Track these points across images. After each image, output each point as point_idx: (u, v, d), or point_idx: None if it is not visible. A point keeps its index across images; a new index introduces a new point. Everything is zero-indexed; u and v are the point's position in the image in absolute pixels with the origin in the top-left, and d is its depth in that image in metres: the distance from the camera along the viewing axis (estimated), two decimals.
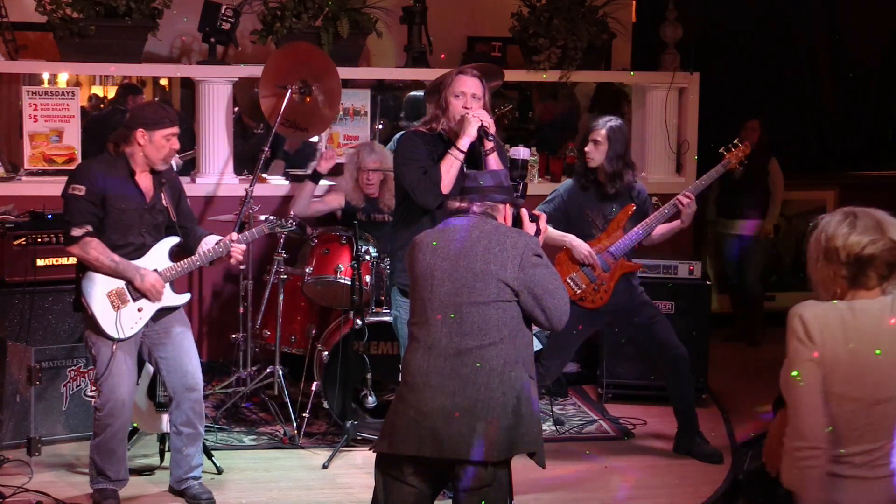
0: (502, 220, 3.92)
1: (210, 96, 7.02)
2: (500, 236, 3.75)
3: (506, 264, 3.69)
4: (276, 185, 7.20)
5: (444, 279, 3.72)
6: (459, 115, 4.74)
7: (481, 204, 3.88)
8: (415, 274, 3.81)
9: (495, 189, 3.91)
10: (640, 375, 6.64)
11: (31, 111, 6.78)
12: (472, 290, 3.68)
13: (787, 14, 8.89)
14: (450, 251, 3.74)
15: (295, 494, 5.31)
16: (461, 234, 3.77)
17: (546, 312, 3.74)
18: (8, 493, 5.13)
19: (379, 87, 8.14)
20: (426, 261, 3.77)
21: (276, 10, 6.99)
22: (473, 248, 3.72)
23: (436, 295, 3.72)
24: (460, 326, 3.67)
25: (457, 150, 4.71)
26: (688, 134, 7.80)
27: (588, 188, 5.71)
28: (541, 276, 3.72)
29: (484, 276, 3.68)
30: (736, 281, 8.26)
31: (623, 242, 5.66)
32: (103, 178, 4.89)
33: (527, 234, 3.88)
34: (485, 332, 3.66)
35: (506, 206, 3.94)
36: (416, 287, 3.80)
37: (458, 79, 4.82)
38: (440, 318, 3.70)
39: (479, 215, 3.86)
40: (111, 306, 4.90)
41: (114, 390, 4.90)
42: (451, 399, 3.61)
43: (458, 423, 3.59)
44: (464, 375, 3.63)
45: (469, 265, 3.70)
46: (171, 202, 5.08)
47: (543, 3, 7.47)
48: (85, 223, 4.83)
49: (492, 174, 4.03)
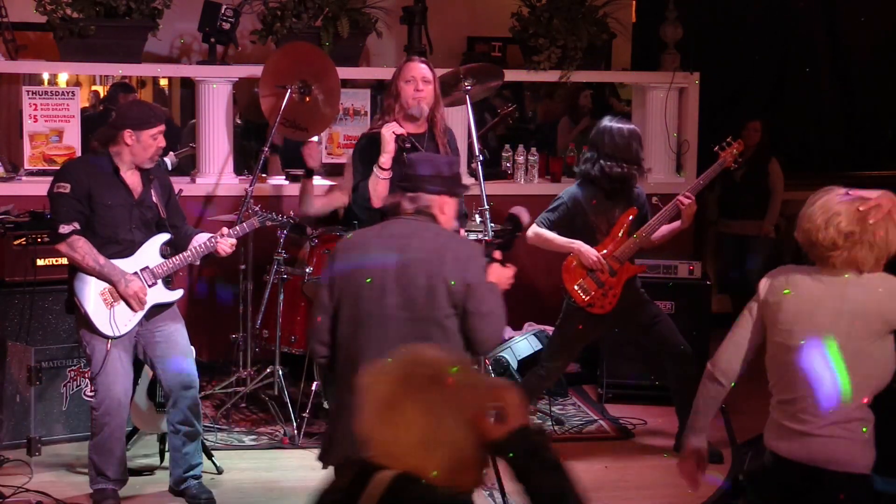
0: (441, 212, 3.75)
1: (210, 96, 7.03)
2: (440, 246, 3.61)
3: (447, 277, 3.56)
4: (277, 185, 7.20)
5: (387, 293, 3.59)
6: (411, 100, 4.90)
7: (414, 197, 3.71)
8: (354, 280, 3.65)
9: (431, 179, 3.74)
10: (640, 375, 6.64)
11: (31, 111, 6.78)
12: (414, 303, 3.57)
13: (787, 14, 8.89)
14: (390, 262, 3.61)
15: (295, 494, 5.31)
16: (401, 241, 3.63)
17: (473, 332, 3.61)
18: (8, 493, 5.13)
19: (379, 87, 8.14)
20: (368, 270, 3.62)
21: (276, 10, 6.99)
22: (415, 259, 3.59)
23: (380, 307, 3.60)
24: (404, 342, 3.46)
25: (380, 169, 4.82)
26: (688, 134, 7.81)
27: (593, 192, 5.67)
28: (479, 292, 3.59)
29: (428, 291, 3.56)
30: (736, 281, 8.26)
31: (628, 246, 5.65)
32: (88, 175, 4.89)
33: (471, 244, 3.73)
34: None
35: (442, 198, 3.75)
36: (353, 296, 3.64)
37: (408, 65, 5.01)
38: (384, 331, 3.58)
39: (415, 217, 3.70)
40: (104, 304, 4.89)
41: (110, 388, 4.90)
42: None
43: None
44: None
45: (412, 279, 3.57)
46: (161, 199, 5.08)
47: (543, 3, 7.47)
48: (71, 220, 4.83)
49: (431, 162, 3.83)
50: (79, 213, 4.84)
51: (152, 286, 4.98)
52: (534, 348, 6.76)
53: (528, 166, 7.53)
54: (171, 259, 5.05)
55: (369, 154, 4.92)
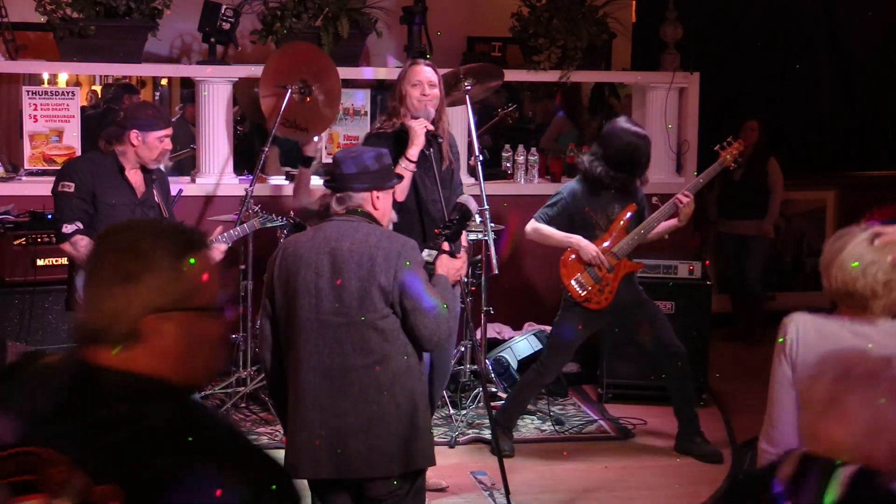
0: (372, 207, 3.70)
1: (210, 96, 7.02)
2: (371, 247, 3.58)
3: (380, 276, 3.54)
4: (276, 185, 7.20)
5: (321, 297, 3.58)
6: (416, 102, 4.85)
7: (341, 197, 3.68)
8: (290, 285, 3.63)
9: (355, 177, 3.69)
10: (640, 375, 6.63)
11: (31, 111, 6.78)
12: (349, 308, 3.55)
13: (786, 14, 8.89)
14: (323, 265, 3.59)
15: None
16: (332, 244, 3.60)
17: (414, 330, 3.57)
18: None
19: (379, 87, 8.14)
20: (302, 275, 3.60)
21: (276, 10, 6.99)
22: (347, 261, 3.57)
23: (315, 313, 3.58)
24: (342, 346, 3.56)
25: (407, 161, 4.80)
26: (688, 134, 7.81)
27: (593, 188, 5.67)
28: (414, 290, 3.55)
29: (361, 294, 3.54)
30: (736, 281, 8.26)
31: (626, 242, 5.66)
32: (92, 173, 4.90)
33: (403, 240, 3.67)
34: (368, 350, 3.56)
35: (371, 194, 3.70)
36: (292, 301, 3.62)
37: (414, 69, 4.96)
38: (322, 337, 3.58)
39: (347, 217, 3.66)
40: None
41: None
42: (343, 419, 3.55)
43: (353, 442, 3.54)
44: (353, 395, 3.56)
45: (344, 282, 3.55)
46: (162, 199, 5.09)
47: (543, 3, 7.47)
48: (75, 220, 4.84)
49: (355, 157, 3.74)
50: (82, 211, 4.85)
51: None
52: (534, 348, 6.76)
53: (528, 166, 7.53)
54: None
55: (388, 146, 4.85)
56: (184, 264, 1.84)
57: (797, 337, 3.15)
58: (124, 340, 1.81)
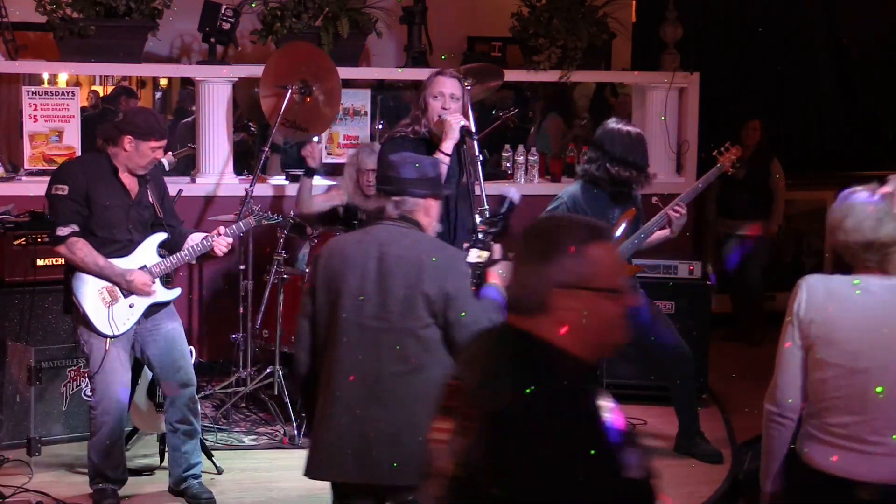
0: (425, 216, 3.68)
1: (210, 96, 7.02)
2: (420, 254, 3.55)
3: (425, 286, 3.51)
4: (276, 185, 7.20)
5: (365, 300, 3.55)
6: (437, 116, 4.78)
7: (399, 202, 3.65)
8: (333, 287, 3.61)
9: (415, 182, 3.66)
10: (640, 375, 6.63)
11: (31, 111, 6.78)
12: (392, 314, 3.52)
13: (787, 14, 8.89)
14: (371, 269, 3.56)
15: (295, 494, 5.31)
16: (381, 249, 3.58)
17: (457, 343, 3.52)
18: (8, 493, 5.13)
19: (379, 87, 8.14)
20: (347, 277, 3.58)
21: (276, 10, 6.99)
22: (394, 267, 3.54)
23: (358, 316, 3.56)
24: (380, 351, 3.53)
25: (442, 154, 4.74)
26: (688, 134, 7.81)
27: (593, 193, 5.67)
28: (460, 302, 3.51)
29: (405, 300, 3.51)
30: (736, 281, 8.26)
31: (626, 247, 5.65)
32: (86, 175, 4.89)
33: (453, 251, 3.66)
34: (406, 358, 3.52)
35: (427, 201, 3.68)
36: (335, 302, 3.60)
37: (437, 80, 4.87)
38: (361, 341, 3.55)
39: (397, 222, 3.64)
40: (103, 303, 4.89)
41: (108, 388, 4.90)
42: (374, 425, 3.52)
43: (381, 449, 3.52)
44: (386, 401, 3.53)
45: (390, 287, 3.53)
46: (157, 199, 5.08)
47: (543, 3, 7.48)
48: (70, 222, 4.83)
49: (415, 164, 3.73)
50: (77, 214, 4.84)
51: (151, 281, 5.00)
52: None
53: (528, 166, 7.53)
54: (169, 258, 5.05)
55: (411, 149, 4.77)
56: (589, 249, 2.12)
57: (806, 297, 3.19)
58: (535, 310, 2.13)
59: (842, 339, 3.14)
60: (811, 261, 8.77)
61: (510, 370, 2.09)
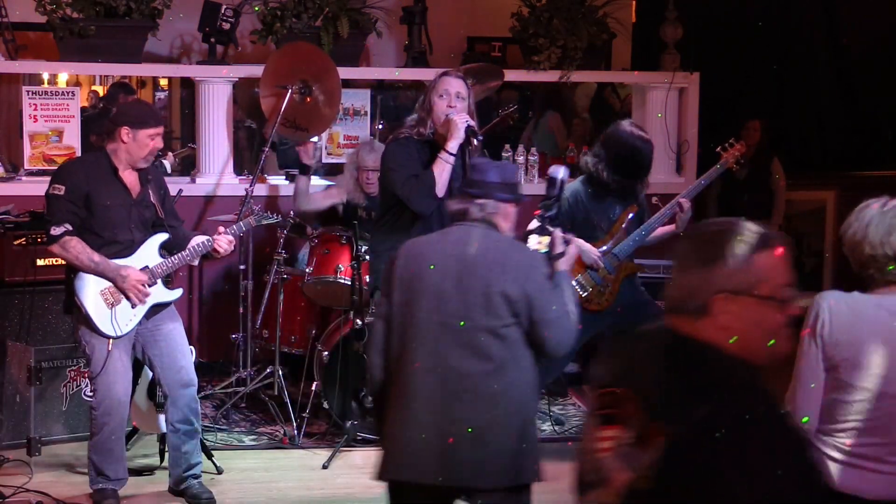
0: (504, 220, 3.71)
1: (210, 96, 7.03)
2: (501, 255, 3.56)
3: (506, 286, 3.50)
4: (276, 185, 7.20)
5: (445, 300, 3.54)
6: (443, 116, 4.76)
7: (483, 204, 3.66)
8: (410, 286, 3.60)
9: (500, 187, 3.69)
10: None
11: (31, 111, 6.78)
12: (473, 313, 3.51)
13: (787, 14, 8.89)
14: (450, 269, 3.56)
15: (295, 494, 5.31)
16: (460, 248, 3.58)
17: (541, 340, 3.54)
18: (8, 493, 5.12)
19: (379, 87, 8.14)
20: (426, 277, 3.57)
21: (276, 10, 6.99)
22: (474, 267, 3.54)
23: (437, 315, 3.54)
24: (461, 350, 3.51)
25: (447, 154, 4.73)
26: (688, 134, 7.81)
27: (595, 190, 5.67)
28: (543, 301, 3.52)
29: (485, 300, 3.50)
30: None
31: (627, 244, 5.65)
32: (86, 176, 4.88)
33: (532, 252, 3.68)
34: (487, 357, 3.50)
35: (509, 206, 3.73)
36: (413, 302, 3.59)
37: (442, 79, 4.85)
38: (441, 340, 3.53)
39: (479, 223, 3.65)
40: (105, 304, 4.89)
41: (110, 388, 4.90)
42: (455, 425, 3.48)
43: (463, 449, 3.47)
44: (467, 401, 3.49)
45: (471, 286, 3.52)
46: (158, 199, 5.08)
47: (543, 3, 7.47)
48: (64, 222, 4.82)
49: (499, 168, 3.77)
50: (72, 214, 4.83)
51: (152, 286, 4.98)
52: None
53: (528, 166, 7.53)
54: (170, 258, 5.05)
55: (415, 151, 4.82)
56: (756, 256, 2.16)
57: (829, 318, 3.11)
58: (696, 313, 2.17)
59: (870, 363, 3.08)
60: (811, 261, 8.77)
61: (692, 380, 2.12)
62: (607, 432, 2.17)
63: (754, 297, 2.15)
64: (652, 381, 2.16)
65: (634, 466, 2.09)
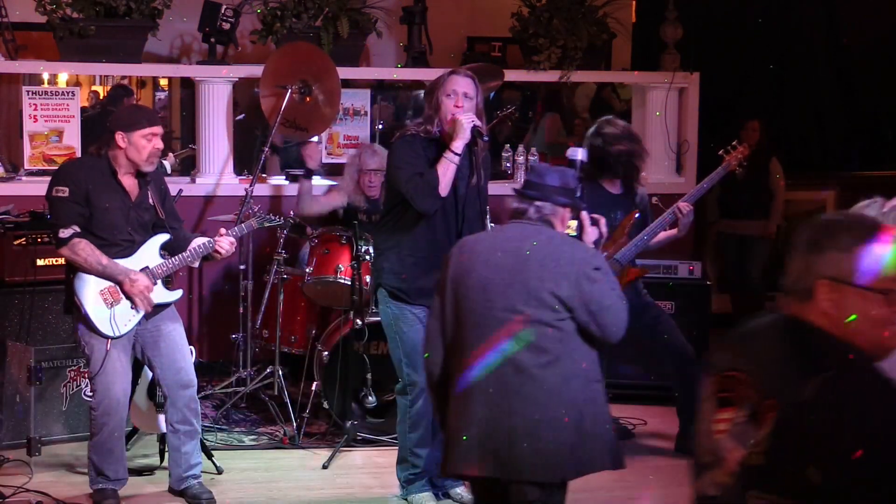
0: (559, 223, 3.75)
1: (210, 96, 7.03)
2: (554, 250, 3.59)
3: (560, 281, 3.53)
4: (276, 185, 7.20)
5: (498, 294, 3.57)
6: (451, 115, 4.75)
7: (541, 206, 3.71)
8: (463, 282, 3.65)
9: (559, 191, 3.74)
10: (640, 375, 6.64)
11: (31, 111, 6.78)
12: (527, 307, 3.53)
13: (787, 14, 8.89)
14: (503, 264, 3.59)
15: (295, 494, 5.31)
16: (514, 244, 3.62)
17: (602, 329, 3.58)
18: (8, 493, 5.12)
19: (379, 87, 8.14)
20: (479, 272, 3.61)
21: (276, 10, 6.99)
22: (528, 262, 3.57)
23: (490, 309, 3.57)
24: (515, 344, 3.53)
25: (452, 153, 4.72)
26: (688, 134, 7.81)
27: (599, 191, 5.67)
28: (597, 291, 3.56)
29: (539, 294, 3.53)
30: (736, 281, 8.26)
31: (629, 249, 5.64)
32: (86, 177, 4.87)
33: (584, 246, 3.74)
34: (542, 350, 3.52)
35: (566, 210, 3.77)
36: (466, 298, 3.63)
37: (451, 79, 4.84)
38: (497, 335, 3.55)
39: (535, 222, 3.70)
40: (104, 304, 4.89)
41: (109, 388, 4.90)
42: (512, 419, 3.51)
43: (521, 443, 3.49)
44: (524, 394, 3.51)
45: (524, 281, 3.54)
46: (158, 200, 5.07)
47: (543, 3, 7.48)
48: (71, 224, 4.82)
49: (559, 173, 3.82)
50: (78, 215, 4.83)
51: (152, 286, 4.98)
52: None
53: (528, 166, 7.52)
54: (171, 259, 5.05)
55: (421, 150, 4.81)
56: (862, 248, 2.22)
57: None
58: (803, 296, 2.27)
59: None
60: None
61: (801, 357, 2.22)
62: (723, 414, 2.27)
63: (856, 287, 2.21)
64: (765, 359, 2.25)
65: (747, 443, 2.18)
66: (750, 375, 2.24)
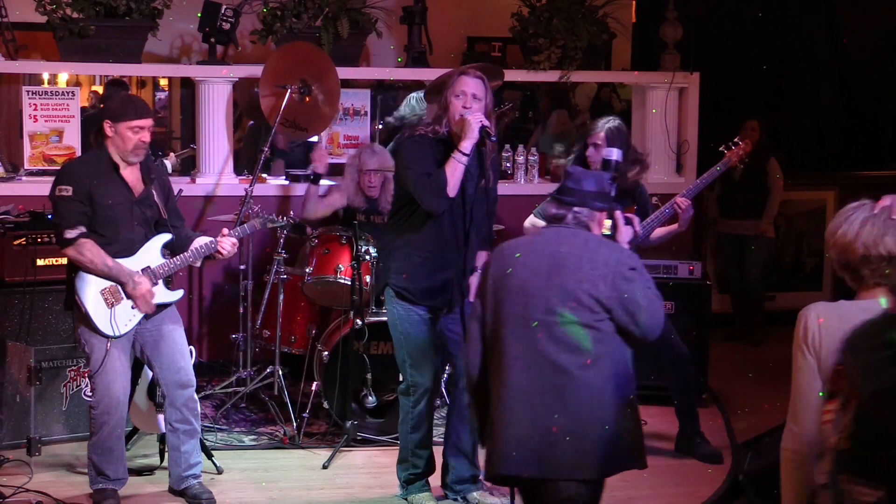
0: (596, 227, 3.79)
1: (210, 96, 7.02)
2: (590, 252, 3.63)
3: (597, 282, 3.57)
4: (276, 185, 7.20)
5: (537, 296, 3.60)
6: (459, 115, 4.75)
7: (578, 212, 3.75)
8: (502, 285, 3.68)
9: (596, 195, 3.79)
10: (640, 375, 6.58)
11: (31, 111, 6.78)
12: (566, 309, 3.57)
13: (786, 14, 8.89)
14: (541, 266, 3.63)
15: (295, 494, 5.31)
16: (551, 247, 3.66)
17: (640, 327, 3.63)
18: (8, 493, 5.13)
19: (379, 87, 8.14)
20: (516, 274, 3.65)
21: (276, 10, 6.99)
22: (564, 264, 3.60)
23: (530, 311, 3.60)
24: (556, 345, 3.56)
25: (460, 154, 4.72)
26: (688, 134, 7.81)
27: None
28: (634, 291, 3.61)
29: (577, 296, 3.56)
30: (736, 281, 8.26)
31: None
32: (87, 175, 4.87)
33: (619, 247, 3.78)
34: (581, 351, 3.56)
35: (602, 214, 3.81)
36: (506, 300, 3.66)
37: (460, 79, 4.83)
38: (536, 335, 3.59)
39: (572, 226, 3.74)
40: (105, 304, 4.89)
41: (108, 388, 4.90)
42: (553, 419, 3.53)
43: (562, 442, 3.52)
44: (565, 394, 3.54)
45: (562, 283, 3.58)
46: (161, 199, 5.07)
47: (543, 3, 7.48)
48: (77, 224, 4.81)
49: (595, 178, 3.87)
50: (83, 214, 4.83)
51: (153, 286, 4.98)
52: None
53: (528, 166, 7.53)
54: (172, 259, 5.05)
55: (429, 150, 4.81)
56: None
57: (817, 328, 3.06)
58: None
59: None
60: (811, 261, 8.78)
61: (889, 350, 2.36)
62: (829, 406, 2.46)
63: None
64: (858, 351, 2.42)
65: (837, 430, 2.37)
66: (846, 367, 2.41)
